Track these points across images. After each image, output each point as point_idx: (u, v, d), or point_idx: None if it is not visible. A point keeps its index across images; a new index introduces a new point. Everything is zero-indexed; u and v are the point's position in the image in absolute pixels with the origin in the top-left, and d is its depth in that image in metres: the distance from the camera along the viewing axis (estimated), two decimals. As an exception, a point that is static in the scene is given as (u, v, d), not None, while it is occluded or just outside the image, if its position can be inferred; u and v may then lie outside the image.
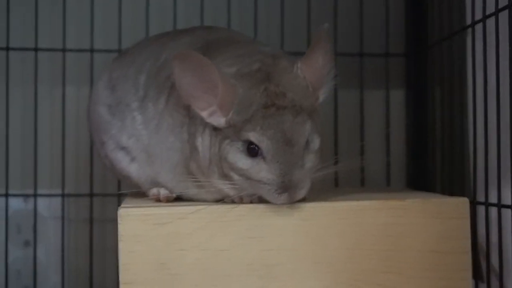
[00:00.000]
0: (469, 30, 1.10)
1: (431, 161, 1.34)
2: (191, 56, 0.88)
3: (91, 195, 1.37)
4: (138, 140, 1.03)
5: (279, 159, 0.87)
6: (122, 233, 0.90)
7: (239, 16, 1.42)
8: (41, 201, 1.38)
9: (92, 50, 1.38)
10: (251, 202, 0.92)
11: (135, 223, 0.90)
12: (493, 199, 1.03)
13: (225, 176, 0.91)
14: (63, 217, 1.37)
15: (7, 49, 1.36)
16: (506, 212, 0.98)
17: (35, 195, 1.36)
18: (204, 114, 0.90)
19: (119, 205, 1.18)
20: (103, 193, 1.38)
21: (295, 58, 0.94)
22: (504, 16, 0.97)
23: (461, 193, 1.16)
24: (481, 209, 1.08)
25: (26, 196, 1.39)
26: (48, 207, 1.40)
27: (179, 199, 1.00)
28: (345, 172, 0.99)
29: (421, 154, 1.37)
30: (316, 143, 0.91)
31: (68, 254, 1.40)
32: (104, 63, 1.30)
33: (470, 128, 1.13)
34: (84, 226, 1.39)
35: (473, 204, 1.07)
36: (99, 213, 1.39)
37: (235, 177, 0.90)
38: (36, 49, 1.37)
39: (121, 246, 0.90)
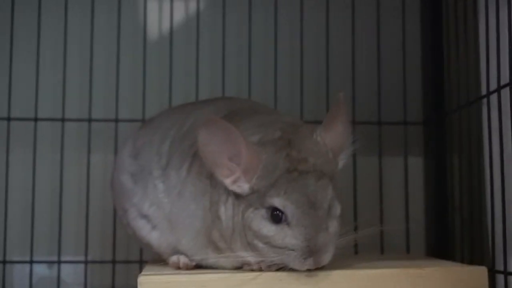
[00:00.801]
0: (485, 99, 1.12)
1: (451, 229, 1.35)
2: (218, 123, 0.91)
3: (114, 262, 1.38)
4: (159, 208, 1.05)
5: (304, 223, 0.88)
6: (142, 300, 0.91)
7: (260, 85, 1.45)
8: (65, 268, 1.40)
9: (117, 120, 1.42)
10: (270, 270, 0.93)
11: (154, 290, 0.91)
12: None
13: (248, 245, 0.92)
14: (85, 284, 1.39)
15: (36, 120, 1.40)
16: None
17: (59, 262, 1.38)
18: (227, 181, 0.92)
19: (141, 272, 1.20)
20: (126, 260, 1.39)
21: (315, 126, 0.96)
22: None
23: (480, 261, 1.16)
24: (500, 278, 1.07)
25: (50, 263, 1.40)
26: (72, 274, 1.41)
27: (198, 266, 1.01)
28: (365, 239, 0.99)
29: (440, 221, 1.37)
30: (337, 208, 0.93)
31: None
32: (128, 132, 1.33)
33: (488, 195, 1.14)
34: (107, 293, 1.40)
35: (492, 272, 1.07)
36: (121, 280, 1.39)
37: (259, 245, 0.91)
38: (63, 120, 1.41)
39: (141, 313, 0.91)
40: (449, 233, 1.35)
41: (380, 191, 1.43)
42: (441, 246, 1.35)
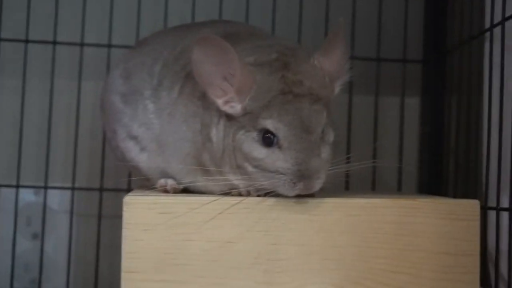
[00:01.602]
0: (488, 34, 1.10)
1: (445, 168, 1.33)
2: (213, 40, 0.88)
3: (101, 189, 1.37)
4: (149, 129, 1.03)
5: (296, 147, 0.86)
6: (127, 221, 0.89)
7: (257, 14, 1.42)
8: (51, 194, 1.39)
9: (110, 45, 1.38)
10: (258, 195, 0.91)
11: (140, 211, 0.90)
12: (505, 205, 1.01)
13: (238, 168, 0.91)
14: (71, 211, 1.37)
15: (26, 41, 1.37)
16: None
17: (45, 188, 1.36)
18: (220, 101, 0.90)
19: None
20: (114, 188, 1.38)
21: (312, 50, 0.94)
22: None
23: (473, 198, 1.14)
24: (492, 216, 1.06)
25: (36, 188, 1.39)
26: (58, 200, 1.40)
27: (186, 190, 0.99)
28: (356, 175, 0.98)
29: (434, 160, 1.36)
30: (331, 135, 0.91)
31: (76, 248, 1.40)
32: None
33: (484, 134, 1.12)
34: (93, 221, 1.38)
35: (484, 209, 1.06)
36: (109, 208, 1.38)
37: (249, 168, 0.89)
38: (54, 43, 1.38)
39: (125, 234, 0.89)
40: (442, 173, 1.33)
41: (375, 130, 1.41)
42: (433, 185, 1.34)
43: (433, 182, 1.35)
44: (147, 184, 1.08)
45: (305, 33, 1.40)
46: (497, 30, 1.06)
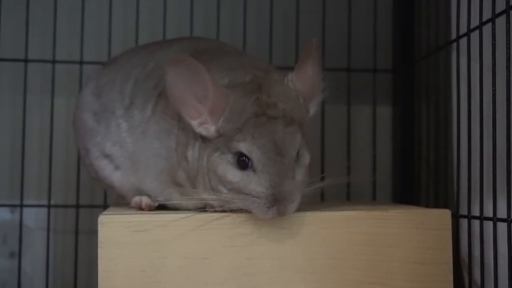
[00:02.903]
0: (454, 44, 1.11)
1: (417, 176, 1.35)
2: (186, 61, 0.88)
3: (78, 206, 1.36)
4: (122, 148, 1.03)
5: (270, 170, 0.85)
6: (102, 240, 0.90)
7: (228, 30, 1.42)
8: (27, 212, 1.38)
9: (81, 62, 1.38)
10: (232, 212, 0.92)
11: (115, 229, 0.90)
12: (476, 213, 1.03)
13: (212, 190, 0.90)
14: (48, 228, 1.37)
15: (-2, 60, 1.37)
16: (488, 224, 0.98)
17: (21, 206, 1.35)
18: (194, 123, 0.90)
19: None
20: (90, 204, 1.37)
21: (286, 72, 0.94)
22: (487, 29, 0.98)
23: (445, 207, 1.16)
24: (464, 223, 1.08)
25: (12, 206, 1.38)
26: (34, 218, 1.39)
27: (161, 207, 1.00)
28: (331, 188, 0.98)
29: (407, 169, 1.38)
30: (306, 157, 0.91)
31: (54, 266, 1.40)
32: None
33: (454, 142, 1.13)
34: (70, 237, 1.38)
35: (456, 217, 1.07)
36: (85, 224, 1.38)
37: (224, 190, 0.89)
38: (26, 60, 1.37)
39: (101, 253, 0.90)
40: (415, 181, 1.35)
41: (348, 140, 1.43)
42: (407, 194, 1.35)
43: (407, 190, 1.36)
44: (122, 201, 1.09)
45: (276, 48, 1.41)
46: (463, 41, 1.07)
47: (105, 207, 1.31)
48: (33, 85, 1.41)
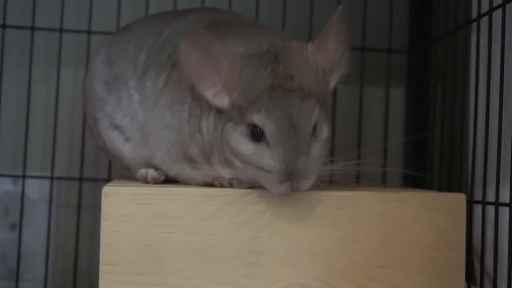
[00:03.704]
0: (475, 24, 1.08)
1: (429, 160, 1.31)
2: (199, 35, 0.85)
3: (81, 179, 1.34)
4: (133, 119, 1.00)
5: (283, 145, 0.82)
6: (106, 212, 0.87)
7: (240, 6, 1.38)
8: (30, 184, 1.35)
9: (89, 32, 1.35)
10: (241, 187, 0.89)
11: (120, 202, 0.87)
12: (491, 198, 1.00)
13: (226, 162, 0.88)
14: (50, 201, 1.34)
15: (4, 26, 1.33)
16: (503, 210, 0.95)
17: (23, 177, 1.33)
18: (208, 94, 0.87)
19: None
20: (94, 177, 1.35)
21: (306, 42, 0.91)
22: (511, 8, 0.95)
23: (458, 192, 1.13)
24: (477, 210, 1.05)
25: (14, 177, 1.35)
26: (37, 190, 1.37)
27: (168, 180, 0.97)
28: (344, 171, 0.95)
29: (419, 153, 1.34)
30: (324, 131, 0.87)
31: (55, 239, 1.37)
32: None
33: (470, 126, 1.10)
34: (73, 211, 1.36)
35: (470, 203, 1.04)
36: (88, 198, 1.35)
37: (236, 163, 0.86)
38: (33, 28, 1.34)
39: (104, 225, 0.87)
40: (427, 165, 1.31)
41: (360, 120, 1.39)
42: (419, 177, 1.31)
43: (419, 173, 1.33)
44: (127, 174, 1.06)
45: (289, 26, 1.37)
46: (484, 21, 1.04)
47: (109, 180, 1.28)
48: (40, 54, 1.37)
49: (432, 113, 1.33)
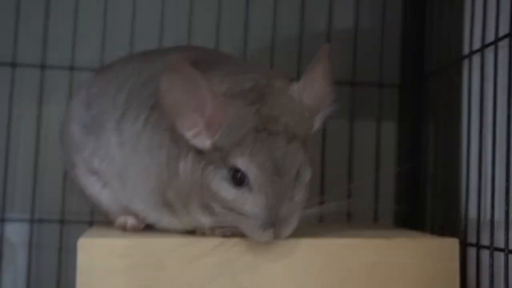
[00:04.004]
0: (466, 61, 1.05)
1: (422, 198, 1.27)
2: (183, 68, 0.81)
3: (62, 221, 1.29)
4: (111, 164, 0.96)
5: (267, 191, 0.80)
6: (81, 265, 0.83)
7: (228, 41, 1.35)
8: (10, 226, 1.30)
9: (72, 68, 1.31)
10: (224, 236, 0.85)
11: (96, 254, 0.84)
12: (485, 242, 0.96)
13: (206, 207, 0.84)
14: (30, 244, 1.30)
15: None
16: (498, 255, 0.91)
17: (2, 220, 1.28)
18: (188, 134, 0.83)
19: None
20: (76, 220, 1.30)
21: (292, 80, 0.88)
22: (504, 46, 0.92)
23: (451, 234, 1.09)
24: (472, 252, 1.00)
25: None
26: (17, 232, 1.32)
27: (148, 228, 0.93)
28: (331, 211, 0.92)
29: (412, 190, 1.30)
30: (307, 174, 0.85)
31: (35, 283, 1.32)
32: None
33: (463, 164, 1.06)
34: (54, 254, 1.31)
35: (464, 245, 1.00)
36: (70, 241, 1.30)
37: (217, 208, 0.83)
38: (14, 65, 1.30)
39: (80, 280, 0.83)
40: (420, 203, 1.27)
41: (350, 157, 1.35)
42: (411, 216, 1.28)
43: (411, 212, 1.29)
44: (108, 219, 1.02)
45: (277, 60, 1.35)
46: (476, 57, 1.01)
47: (91, 223, 1.24)
48: (20, 91, 1.33)
49: (424, 149, 1.29)
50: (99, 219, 1.15)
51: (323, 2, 1.36)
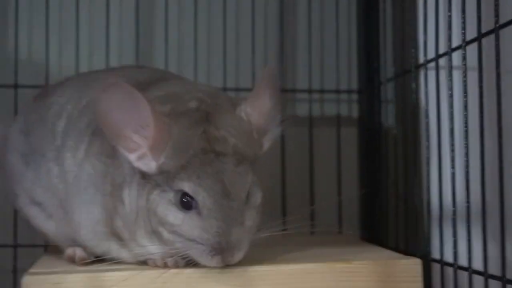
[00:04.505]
0: (422, 68, 1.03)
1: (385, 208, 1.24)
2: (121, 88, 0.78)
3: (16, 246, 1.24)
4: (54, 195, 0.91)
5: (216, 216, 0.77)
6: (28, 303, 0.79)
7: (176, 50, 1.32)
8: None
9: (16, 86, 1.26)
10: (177, 267, 0.82)
11: (42, 291, 0.79)
12: (449, 258, 0.93)
13: (153, 233, 0.81)
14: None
15: None
16: (463, 274, 0.89)
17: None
18: (132, 157, 0.80)
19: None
20: (30, 244, 1.24)
21: (237, 97, 0.85)
22: (457, 55, 0.91)
23: (414, 246, 1.07)
24: (436, 268, 0.98)
25: None
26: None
27: (98, 257, 0.89)
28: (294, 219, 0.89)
29: (374, 199, 1.27)
30: (257, 197, 0.82)
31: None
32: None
33: (423, 174, 1.04)
34: (9, 277, 1.26)
35: (428, 260, 0.98)
36: (26, 263, 1.25)
37: (165, 234, 0.80)
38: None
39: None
40: (383, 214, 1.25)
41: (311, 164, 1.32)
42: (374, 225, 1.25)
43: (375, 221, 1.26)
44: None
45: (230, 69, 1.31)
46: (431, 65, 0.99)
47: (46, 246, 1.19)
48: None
49: (385, 154, 1.26)
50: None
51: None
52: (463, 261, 0.90)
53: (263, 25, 1.34)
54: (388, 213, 1.22)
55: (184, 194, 0.78)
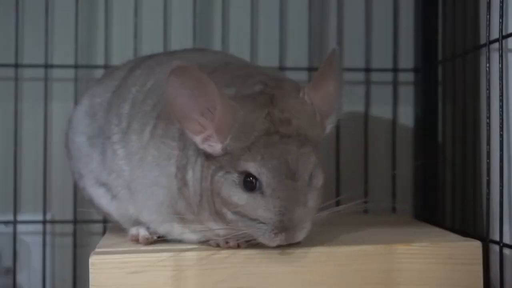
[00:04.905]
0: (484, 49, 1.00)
1: (441, 186, 1.23)
2: (190, 71, 0.78)
3: (75, 222, 1.28)
4: (119, 177, 0.93)
5: (280, 195, 0.78)
6: (94, 283, 0.82)
7: (235, 36, 1.32)
8: (23, 226, 1.28)
9: (76, 66, 1.28)
10: (238, 247, 0.84)
11: (108, 271, 0.82)
12: (508, 239, 0.92)
13: (217, 214, 0.82)
14: (44, 244, 1.28)
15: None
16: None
17: (14, 222, 1.26)
18: (198, 139, 0.81)
19: (104, 231, 1.08)
20: (88, 219, 1.28)
21: (299, 82, 0.86)
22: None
23: (472, 228, 1.06)
24: (495, 249, 0.97)
25: (5, 223, 1.29)
26: (31, 232, 1.30)
27: (162, 239, 0.91)
28: (348, 193, 0.93)
29: (429, 180, 1.26)
30: (319, 179, 0.83)
31: (51, 282, 1.31)
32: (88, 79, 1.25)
33: (483, 156, 1.02)
34: (68, 252, 1.30)
35: (486, 242, 0.97)
36: (83, 240, 1.29)
37: (228, 215, 0.81)
38: (16, 65, 1.27)
39: (93, 296, 0.81)
40: (439, 193, 1.24)
41: (366, 143, 1.32)
42: (430, 207, 1.24)
43: (430, 202, 1.25)
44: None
45: (288, 48, 1.32)
46: (494, 46, 0.96)
47: (103, 221, 1.22)
48: (27, 91, 1.30)
49: (442, 133, 1.25)
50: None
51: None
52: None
53: (320, 4, 1.33)
54: (446, 193, 1.21)
55: (248, 175, 0.79)
